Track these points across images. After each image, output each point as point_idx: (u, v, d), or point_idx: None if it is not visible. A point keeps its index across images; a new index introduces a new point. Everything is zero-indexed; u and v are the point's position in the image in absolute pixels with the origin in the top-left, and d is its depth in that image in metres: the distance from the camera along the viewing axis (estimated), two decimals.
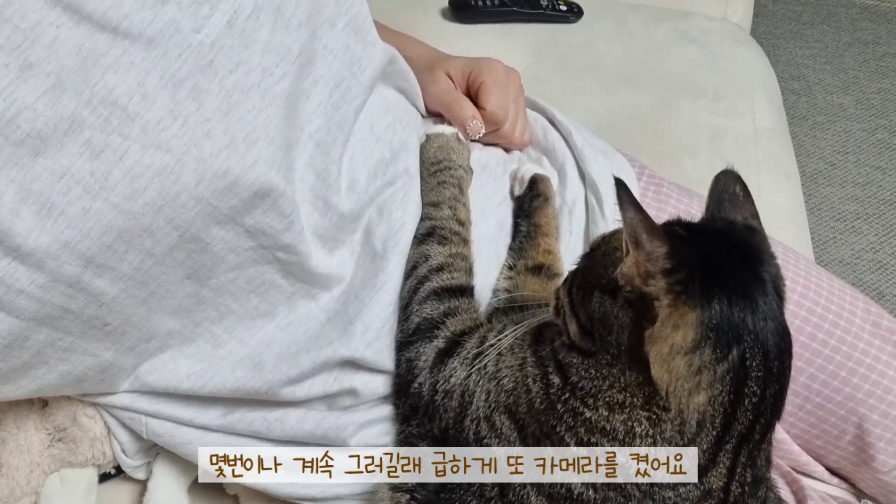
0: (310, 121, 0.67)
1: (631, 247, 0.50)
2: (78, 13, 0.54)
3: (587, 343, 0.54)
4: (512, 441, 0.58)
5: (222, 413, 0.69)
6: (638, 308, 0.50)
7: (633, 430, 0.52)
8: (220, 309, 0.66)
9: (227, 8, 0.60)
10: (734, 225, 0.57)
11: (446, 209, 0.73)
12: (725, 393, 0.51)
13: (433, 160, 0.76)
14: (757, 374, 0.51)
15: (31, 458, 0.69)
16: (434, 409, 0.64)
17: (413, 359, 0.66)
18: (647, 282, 0.50)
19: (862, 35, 2.15)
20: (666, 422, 0.52)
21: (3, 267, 0.53)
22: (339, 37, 0.69)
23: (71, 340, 0.59)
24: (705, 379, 0.50)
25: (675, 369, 0.50)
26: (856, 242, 1.72)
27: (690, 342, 0.50)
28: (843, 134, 1.92)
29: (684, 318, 0.49)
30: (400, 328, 0.69)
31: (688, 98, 1.16)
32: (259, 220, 0.62)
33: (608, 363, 0.53)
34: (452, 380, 0.63)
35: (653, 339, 0.50)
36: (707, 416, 0.51)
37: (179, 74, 0.57)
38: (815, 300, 0.79)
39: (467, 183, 0.77)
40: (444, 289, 0.69)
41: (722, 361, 0.50)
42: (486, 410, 0.60)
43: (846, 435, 0.79)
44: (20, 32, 0.53)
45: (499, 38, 1.18)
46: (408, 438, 0.66)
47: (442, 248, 0.70)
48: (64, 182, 0.54)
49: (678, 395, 0.51)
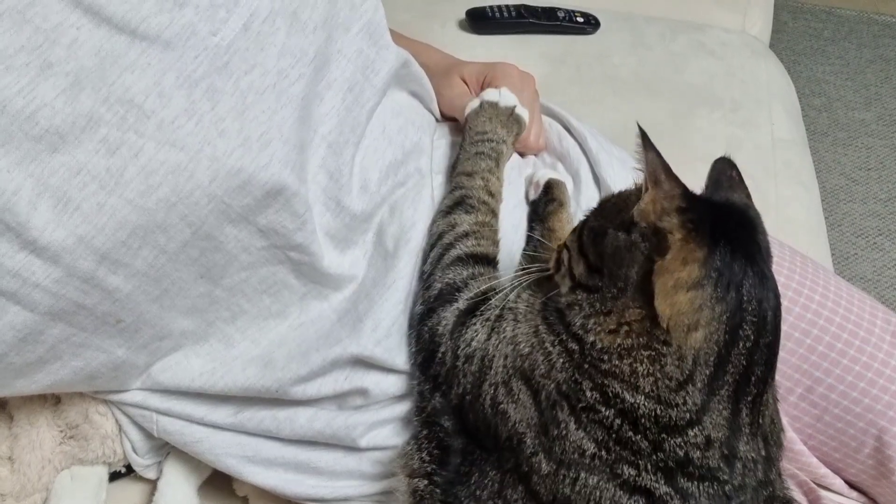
0: (323, 123, 0.68)
1: (650, 185, 0.53)
2: (98, 15, 0.56)
3: (594, 280, 0.56)
4: (528, 406, 0.58)
5: (233, 412, 0.69)
6: (651, 242, 0.53)
7: (637, 369, 0.54)
8: (233, 309, 0.67)
9: (243, 12, 0.61)
10: (733, 200, 0.60)
11: (479, 179, 0.74)
12: (721, 332, 0.53)
13: (480, 129, 0.77)
14: (752, 319, 0.54)
15: (42, 455, 0.70)
16: (454, 374, 0.64)
17: (434, 325, 0.67)
18: (661, 217, 0.53)
19: (884, 52, 2.13)
20: (666, 356, 0.53)
21: (20, 260, 0.54)
22: (353, 41, 0.70)
23: (84, 336, 0.60)
24: (704, 316, 0.53)
25: (678, 304, 0.53)
26: (878, 259, 1.69)
27: (695, 279, 0.52)
28: (865, 150, 1.90)
29: (693, 255, 0.52)
30: (421, 299, 0.69)
31: (705, 109, 1.16)
32: (272, 220, 0.62)
33: (612, 296, 0.55)
34: (473, 343, 0.64)
35: (661, 270, 0.53)
36: (702, 354, 0.53)
37: (195, 75, 0.58)
38: (833, 309, 0.78)
39: (505, 159, 0.78)
40: (469, 255, 0.69)
41: (721, 301, 0.53)
42: (505, 375, 0.61)
43: (865, 447, 0.77)
44: (41, 33, 0.54)
45: (515, 49, 1.19)
46: (430, 417, 0.66)
47: (469, 216, 0.72)
48: (80, 178, 0.55)
49: (678, 329, 0.53)
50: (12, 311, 0.55)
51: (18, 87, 0.53)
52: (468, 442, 0.62)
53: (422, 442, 0.65)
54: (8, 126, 0.53)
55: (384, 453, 0.69)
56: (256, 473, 0.69)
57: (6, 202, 0.52)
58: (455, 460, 0.62)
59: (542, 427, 0.57)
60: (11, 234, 0.53)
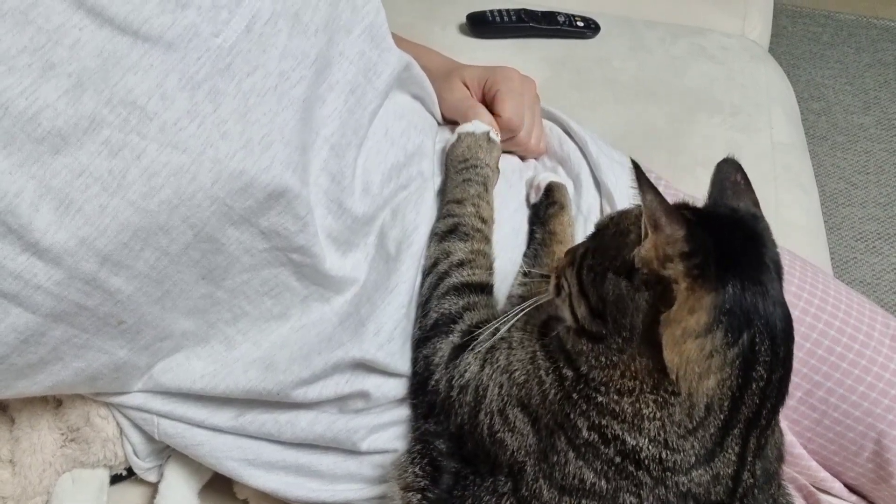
0: (325, 125, 0.68)
1: (650, 230, 0.50)
2: (100, 17, 0.56)
3: (597, 326, 0.54)
4: (525, 434, 0.58)
5: (234, 415, 0.69)
6: (655, 291, 0.51)
7: (642, 412, 0.52)
8: (235, 311, 0.67)
9: (245, 13, 0.61)
10: (737, 211, 0.57)
11: (469, 206, 0.73)
12: (734, 377, 0.51)
13: (461, 158, 0.77)
14: (765, 359, 0.52)
15: (43, 458, 0.70)
16: (450, 404, 0.64)
17: (429, 355, 0.67)
18: (664, 265, 0.50)
19: (883, 56, 2.14)
20: (675, 405, 0.52)
21: (22, 262, 0.54)
22: (355, 43, 0.70)
23: (86, 338, 0.60)
24: (716, 363, 0.51)
25: (687, 352, 0.50)
26: (877, 263, 1.70)
27: (703, 326, 0.50)
28: (864, 154, 1.91)
29: (700, 302, 0.50)
30: (418, 325, 0.69)
31: (704, 113, 1.16)
32: (274, 222, 0.63)
33: (619, 348, 0.53)
34: (467, 374, 0.63)
35: (667, 322, 0.50)
36: (715, 400, 0.52)
37: (198, 77, 0.58)
38: (833, 313, 0.78)
39: (493, 182, 0.77)
40: (465, 284, 0.69)
41: (733, 346, 0.50)
42: (500, 404, 0.60)
43: (865, 451, 0.78)
44: (44, 34, 0.54)
45: (516, 53, 1.19)
46: (424, 436, 0.66)
47: (464, 244, 0.71)
48: (82, 179, 0.55)
49: (688, 379, 0.51)
50: (14, 313, 0.55)
51: (21, 89, 0.53)
52: (462, 466, 0.62)
53: (415, 456, 0.65)
54: (10, 128, 0.53)
55: (385, 457, 0.69)
56: (257, 477, 0.69)
57: (8, 204, 0.52)
58: (447, 481, 0.62)
59: (541, 453, 0.57)
60: (13, 237, 0.53)
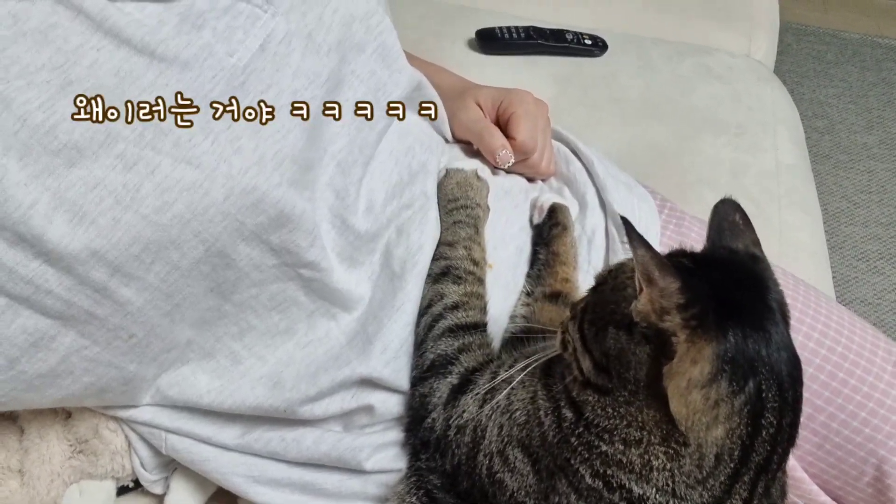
0: (333, 142, 0.68)
1: (644, 284, 0.50)
2: (118, 38, 0.57)
3: (603, 380, 0.54)
4: (525, 475, 0.58)
5: (240, 433, 0.70)
6: (655, 344, 0.50)
7: (651, 463, 0.52)
8: (241, 325, 0.67)
9: (260, 33, 0.63)
10: (737, 253, 0.57)
11: (461, 249, 0.73)
12: (743, 425, 0.51)
13: (451, 197, 0.77)
14: (773, 405, 0.51)
15: (52, 469, 0.70)
16: (447, 444, 0.64)
17: (427, 394, 0.67)
18: (662, 318, 0.50)
19: (887, 75, 2.15)
20: (684, 456, 0.51)
21: (34, 269, 0.55)
22: (366, 62, 0.71)
23: (97, 351, 0.60)
24: (723, 412, 0.50)
25: (693, 403, 0.50)
26: (878, 282, 1.70)
27: (707, 375, 0.49)
28: (867, 173, 1.92)
29: (701, 353, 0.49)
30: (415, 364, 0.70)
31: (710, 133, 1.17)
32: (285, 239, 0.63)
33: (625, 401, 0.52)
34: (465, 415, 0.64)
35: (671, 374, 0.50)
36: (725, 449, 0.51)
37: (212, 95, 0.59)
38: (835, 339, 0.78)
39: (483, 222, 0.77)
40: (459, 326, 0.69)
41: (739, 394, 0.50)
42: (499, 445, 0.60)
43: (865, 476, 0.78)
44: (62, 54, 0.55)
45: (523, 70, 1.20)
46: (418, 472, 0.66)
47: (457, 287, 0.71)
48: (97, 192, 0.55)
49: (696, 430, 0.51)
50: (24, 315, 0.56)
51: (39, 102, 0.54)
52: (458, 502, 0.62)
53: (411, 487, 0.65)
54: (27, 140, 0.53)
55: (389, 476, 0.70)
56: (262, 493, 0.70)
57: (22, 215, 0.53)
58: None
59: (542, 494, 0.57)
60: (26, 245, 0.54)
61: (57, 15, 0.56)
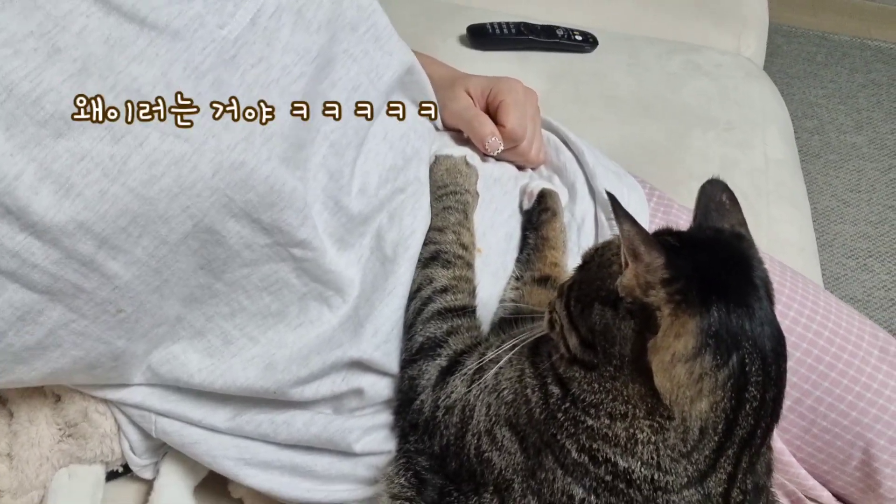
0: (326, 122, 0.68)
1: (629, 259, 0.50)
2: (108, 4, 0.57)
3: (588, 356, 0.54)
4: (513, 453, 0.59)
5: (231, 415, 0.70)
6: (640, 318, 0.51)
7: (636, 436, 0.53)
8: (232, 305, 0.67)
9: (251, 6, 0.63)
10: (722, 232, 0.57)
11: (450, 234, 0.74)
12: (727, 399, 0.51)
13: (440, 183, 0.77)
14: (756, 379, 0.52)
15: (41, 452, 0.70)
16: (435, 425, 0.64)
17: (416, 376, 0.67)
18: (647, 292, 0.50)
19: (876, 76, 2.17)
20: (669, 430, 0.52)
21: (20, 241, 0.55)
22: (359, 42, 0.71)
23: (85, 325, 0.60)
24: (707, 385, 0.51)
25: (677, 377, 0.50)
26: (867, 280, 1.72)
27: (691, 350, 0.50)
28: (856, 173, 1.93)
29: (685, 327, 0.50)
30: (404, 347, 0.70)
31: (700, 129, 1.18)
32: (276, 217, 0.63)
33: (611, 375, 0.53)
34: (454, 395, 0.64)
35: (655, 348, 0.50)
36: (709, 423, 0.52)
37: (202, 67, 0.59)
38: (822, 323, 0.79)
39: (472, 208, 0.77)
40: (448, 309, 0.70)
41: (722, 367, 0.50)
42: (487, 424, 0.60)
43: (852, 460, 0.79)
44: (51, 20, 0.55)
45: (515, 65, 1.21)
46: (406, 454, 0.67)
47: (446, 271, 0.71)
48: (84, 164, 0.55)
49: (681, 403, 0.51)
50: (11, 289, 0.56)
51: (25, 72, 0.53)
52: (446, 482, 0.63)
53: (400, 468, 0.66)
54: (13, 110, 0.53)
55: (379, 458, 0.70)
56: (252, 476, 0.70)
57: (7, 186, 0.53)
58: (432, 494, 0.62)
59: (529, 471, 0.57)
60: (12, 217, 0.54)
61: None
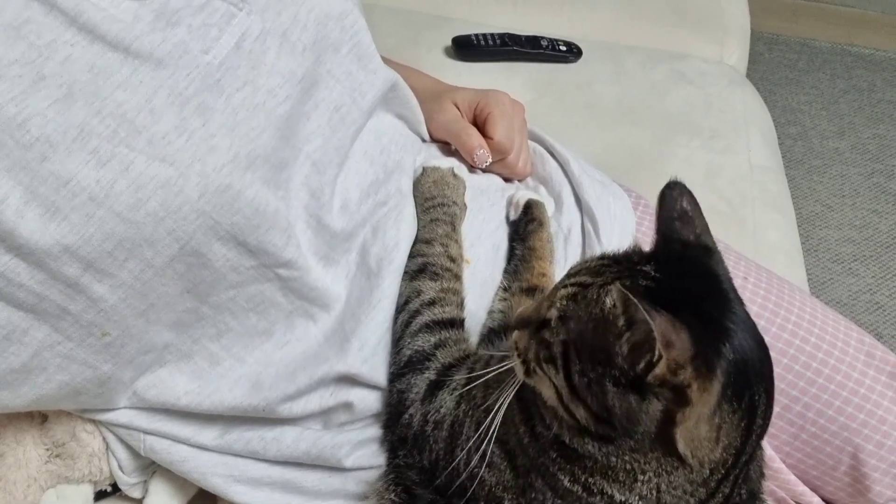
0: (308, 141, 0.68)
1: (662, 349, 0.48)
2: (92, 33, 0.57)
3: (605, 429, 0.52)
4: (502, 470, 0.58)
5: (219, 433, 0.69)
6: (667, 398, 0.49)
7: (636, 477, 0.53)
8: (219, 326, 0.67)
9: (235, 31, 0.63)
10: (689, 247, 0.56)
11: (438, 246, 0.73)
12: (739, 437, 0.52)
13: (427, 195, 0.77)
14: (763, 409, 0.53)
15: (28, 473, 0.70)
16: (424, 439, 0.64)
17: (404, 390, 0.67)
18: (676, 373, 0.48)
19: (857, 82, 2.20)
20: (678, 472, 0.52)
21: (6, 262, 0.55)
22: (342, 62, 0.71)
23: (70, 347, 0.60)
24: (724, 432, 0.51)
25: (699, 436, 0.51)
26: (853, 284, 1.73)
27: (713, 406, 0.50)
28: (840, 178, 1.95)
29: (710, 391, 0.49)
30: (392, 360, 0.70)
31: (684, 136, 1.19)
32: (262, 239, 0.63)
33: (630, 448, 0.52)
34: (443, 410, 0.64)
35: (683, 419, 0.50)
36: (720, 463, 0.52)
37: (187, 92, 0.59)
38: (809, 330, 0.80)
39: (460, 220, 0.77)
40: (436, 322, 0.69)
41: (737, 411, 0.51)
42: (477, 440, 0.60)
43: (841, 465, 0.79)
44: (35, 49, 0.55)
45: (500, 77, 1.21)
46: (396, 468, 0.66)
47: (434, 283, 0.71)
48: (69, 188, 0.55)
49: (700, 456, 0.51)
50: None
51: (11, 96, 0.54)
52: (435, 498, 0.63)
53: (390, 483, 0.66)
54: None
55: (369, 473, 0.70)
56: (242, 493, 0.70)
57: None
58: None
59: (519, 489, 0.57)
60: None
61: (30, 10, 0.56)
